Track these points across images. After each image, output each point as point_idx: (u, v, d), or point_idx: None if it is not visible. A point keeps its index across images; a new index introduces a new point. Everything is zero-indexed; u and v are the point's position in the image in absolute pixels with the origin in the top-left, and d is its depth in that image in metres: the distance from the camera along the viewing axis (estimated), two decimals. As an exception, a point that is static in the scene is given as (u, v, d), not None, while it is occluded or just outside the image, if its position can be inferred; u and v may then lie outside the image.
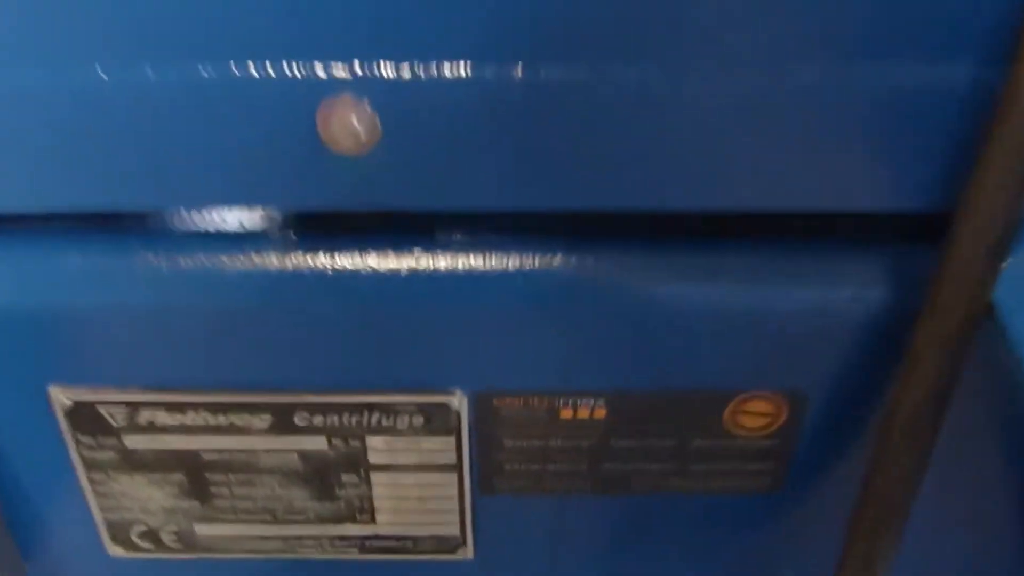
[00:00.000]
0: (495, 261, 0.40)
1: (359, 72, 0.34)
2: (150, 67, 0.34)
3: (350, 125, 0.34)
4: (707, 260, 0.41)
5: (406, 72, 0.34)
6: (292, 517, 0.48)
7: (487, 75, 0.34)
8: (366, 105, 0.34)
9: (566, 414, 0.44)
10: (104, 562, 0.50)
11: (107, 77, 0.34)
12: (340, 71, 0.34)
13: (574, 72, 0.34)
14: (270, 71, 0.34)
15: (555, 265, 0.40)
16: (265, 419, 0.44)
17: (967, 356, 0.37)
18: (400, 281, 0.40)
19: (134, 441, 0.45)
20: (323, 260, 0.40)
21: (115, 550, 0.50)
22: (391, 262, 0.40)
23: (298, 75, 0.34)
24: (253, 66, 0.34)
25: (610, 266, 0.40)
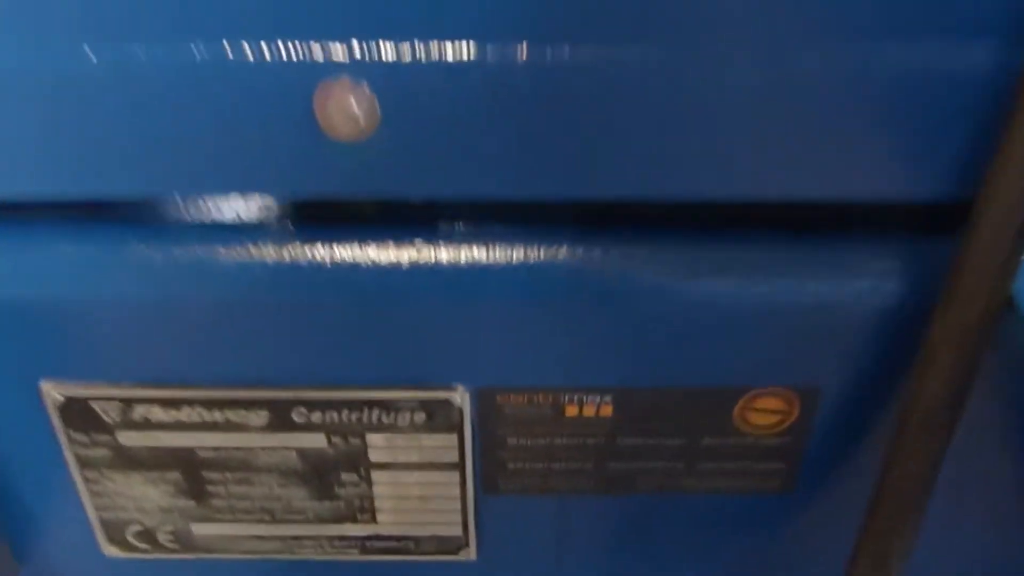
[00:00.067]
0: (499, 253, 0.40)
1: (357, 54, 0.33)
2: (140, 47, 0.33)
3: (348, 109, 0.33)
4: (717, 252, 0.40)
5: (407, 54, 0.33)
6: (291, 517, 0.48)
7: (491, 57, 0.33)
8: (365, 88, 0.33)
9: (571, 411, 0.44)
10: (100, 563, 0.50)
11: (95, 58, 0.33)
12: (338, 52, 0.33)
13: (581, 54, 0.33)
14: (265, 52, 0.33)
15: (560, 257, 0.39)
16: (262, 416, 0.44)
17: (985, 349, 0.36)
18: (401, 273, 0.40)
19: (128, 438, 0.45)
20: (321, 251, 0.39)
21: (111, 550, 0.49)
22: (391, 254, 0.40)
23: (294, 56, 0.33)
24: (247, 46, 0.33)
25: (617, 258, 0.40)
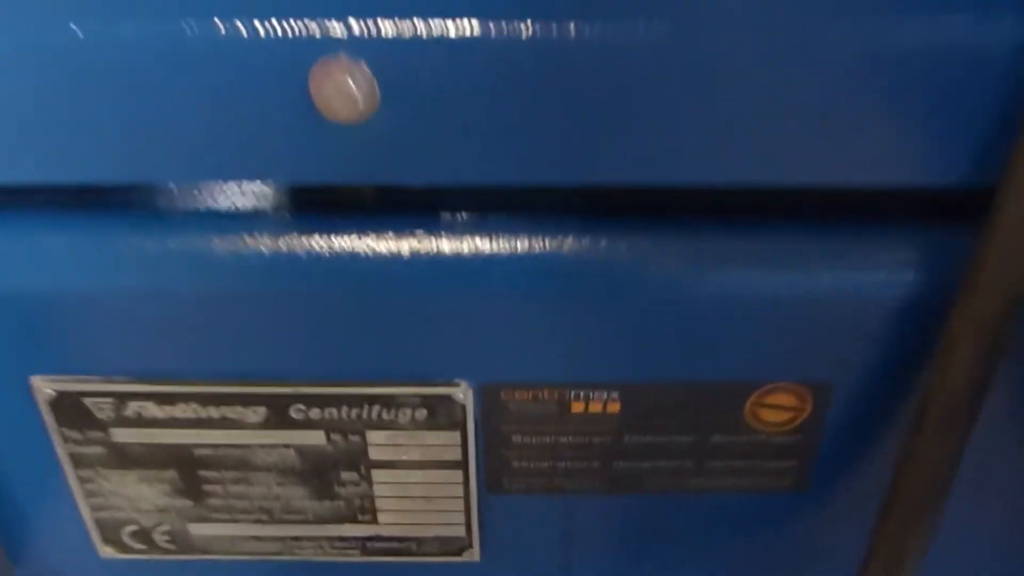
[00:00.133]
0: (503, 243, 0.39)
1: (356, 31, 0.32)
2: (129, 24, 0.32)
3: (346, 89, 0.32)
4: (727, 242, 0.39)
5: (407, 31, 0.32)
6: (290, 517, 0.47)
7: (495, 34, 0.32)
8: (363, 67, 0.32)
9: (577, 408, 0.43)
10: (95, 564, 0.49)
11: (83, 35, 0.32)
12: (335, 30, 0.32)
13: (587, 31, 0.32)
14: (259, 29, 0.32)
15: (566, 248, 0.39)
16: (259, 412, 0.43)
17: (1007, 341, 0.36)
18: (401, 265, 0.39)
19: (122, 435, 0.44)
20: (320, 242, 0.39)
21: (106, 551, 0.49)
22: (392, 244, 0.39)
23: (289, 33, 0.32)
24: (240, 24, 0.32)
25: (625, 249, 0.39)
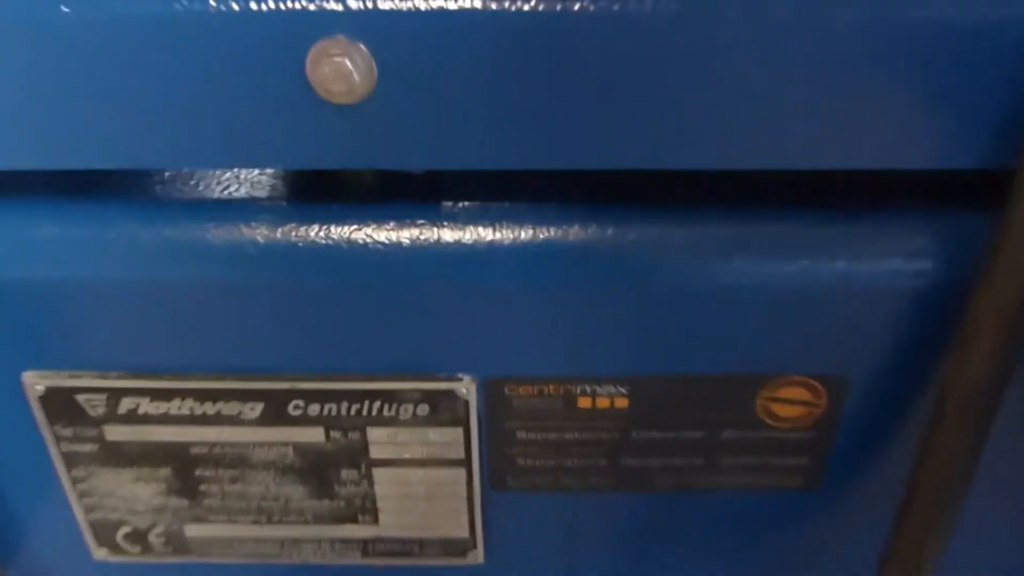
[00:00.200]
0: (506, 232, 0.38)
1: (353, 6, 0.31)
2: (120, 2, 0.31)
3: (343, 68, 0.32)
4: (738, 229, 0.39)
5: (406, 5, 0.31)
6: (288, 517, 0.46)
7: (496, 12, 0.31)
8: (361, 48, 0.32)
9: (584, 403, 0.42)
10: (88, 566, 0.48)
11: (69, 10, 0.31)
12: (332, 3, 0.31)
13: (595, 6, 0.31)
14: (253, 4, 0.31)
15: (572, 236, 0.38)
16: (256, 408, 0.42)
17: None
18: (402, 254, 0.38)
19: (116, 432, 0.43)
20: (318, 231, 0.38)
21: (100, 553, 0.48)
22: (392, 233, 0.38)
23: (284, 7, 0.31)
24: (235, 1, 0.31)
25: (632, 237, 0.38)
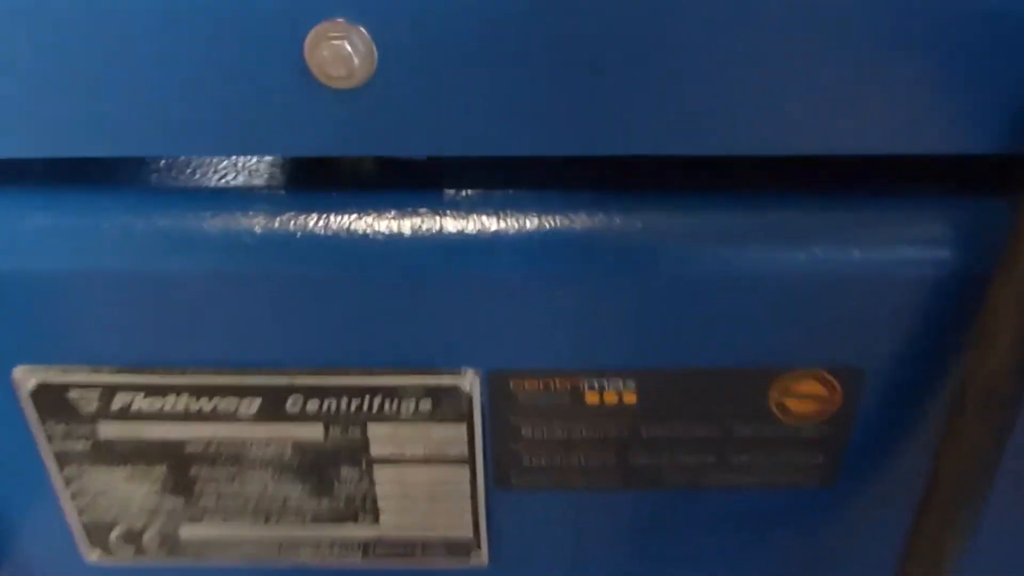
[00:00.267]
0: (510, 221, 0.38)
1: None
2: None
3: (342, 51, 0.32)
4: (750, 217, 0.38)
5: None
6: (286, 517, 0.45)
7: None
8: (361, 30, 0.32)
9: (592, 398, 0.41)
10: (81, 569, 0.48)
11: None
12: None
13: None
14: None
15: (579, 225, 0.38)
16: (254, 404, 0.42)
17: None
18: (403, 244, 0.38)
19: (109, 429, 0.42)
20: (317, 220, 0.38)
21: (93, 555, 0.47)
22: (393, 222, 0.38)
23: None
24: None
25: (640, 225, 0.38)
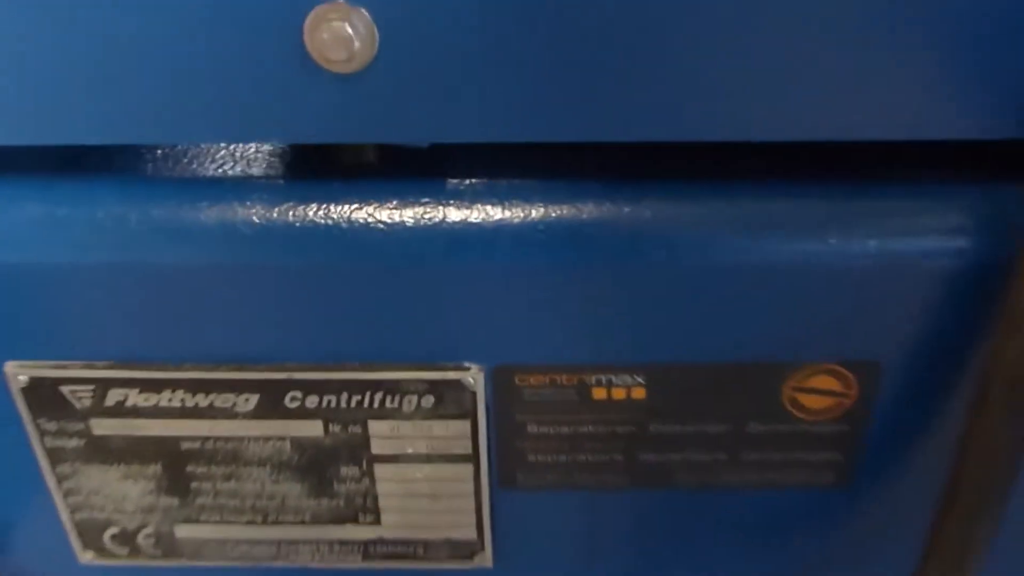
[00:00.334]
0: (515, 210, 0.38)
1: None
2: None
3: (343, 34, 0.31)
4: (761, 206, 0.38)
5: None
6: (285, 517, 0.45)
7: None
8: (362, 12, 0.31)
9: (599, 394, 0.41)
10: (75, 570, 0.47)
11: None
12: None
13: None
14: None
15: (586, 214, 0.37)
16: (251, 400, 0.41)
17: None
18: (405, 234, 0.37)
19: (103, 426, 0.42)
20: (316, 210, 0.37)
21: (86, 556, 0.47)
22: (395, 212, 0.37)
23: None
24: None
25: (649, 215, 0.37)
